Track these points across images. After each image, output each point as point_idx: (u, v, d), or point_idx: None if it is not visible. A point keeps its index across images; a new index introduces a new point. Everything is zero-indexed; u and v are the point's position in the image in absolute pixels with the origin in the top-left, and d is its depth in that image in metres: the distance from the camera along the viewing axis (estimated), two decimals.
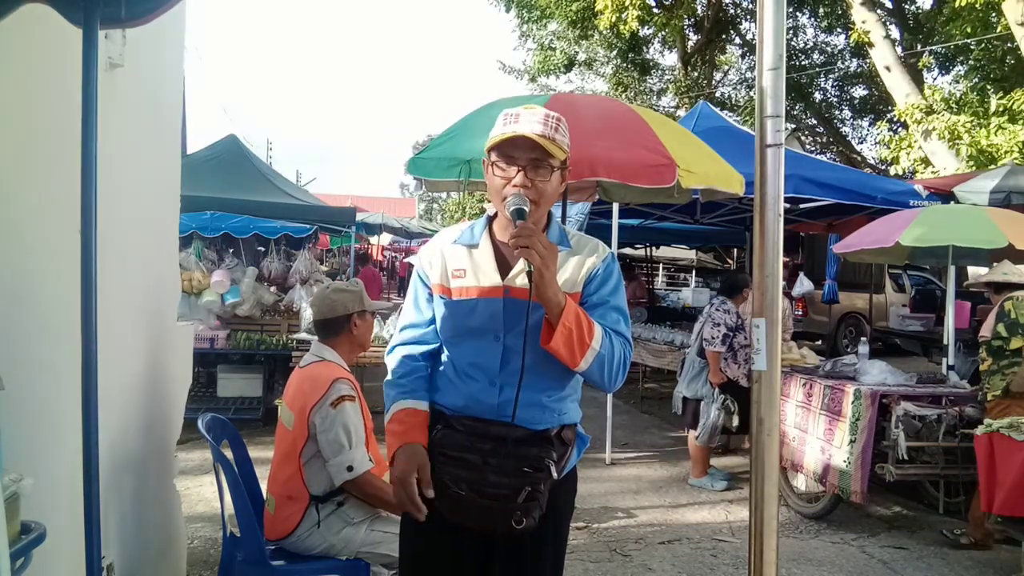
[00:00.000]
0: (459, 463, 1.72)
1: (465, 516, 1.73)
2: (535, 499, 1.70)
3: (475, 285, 1.80)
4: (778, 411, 1.78)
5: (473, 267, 1.82)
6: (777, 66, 1.72)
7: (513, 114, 1.73)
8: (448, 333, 1.84)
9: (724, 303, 5.26)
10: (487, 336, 1.78)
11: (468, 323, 1.79)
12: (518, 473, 1.70)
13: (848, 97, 20.98)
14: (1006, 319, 4.14)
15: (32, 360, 1.80)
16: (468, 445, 1.74)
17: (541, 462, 1.73)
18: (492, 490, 1.70)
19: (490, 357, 1.77)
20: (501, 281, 1.78)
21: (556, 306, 1.66)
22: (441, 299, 1.84)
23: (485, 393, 1.77)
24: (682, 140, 4.45)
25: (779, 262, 1.76)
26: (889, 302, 13.13)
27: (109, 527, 2.27)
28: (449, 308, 1.82)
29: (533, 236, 1.61)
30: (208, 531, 4.06)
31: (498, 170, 1.74)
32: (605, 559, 3.95)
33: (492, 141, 1.74)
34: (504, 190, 1.72)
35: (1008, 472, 3.51)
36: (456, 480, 1.71)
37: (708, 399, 5.21)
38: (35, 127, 1.85)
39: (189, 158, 7.80)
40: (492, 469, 1.71)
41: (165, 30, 2.72)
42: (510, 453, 1.72)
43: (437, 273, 1.86)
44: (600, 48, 19.85)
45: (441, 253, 1.87)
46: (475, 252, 1.83)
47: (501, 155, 1.73)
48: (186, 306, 6.12)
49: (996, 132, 9.80)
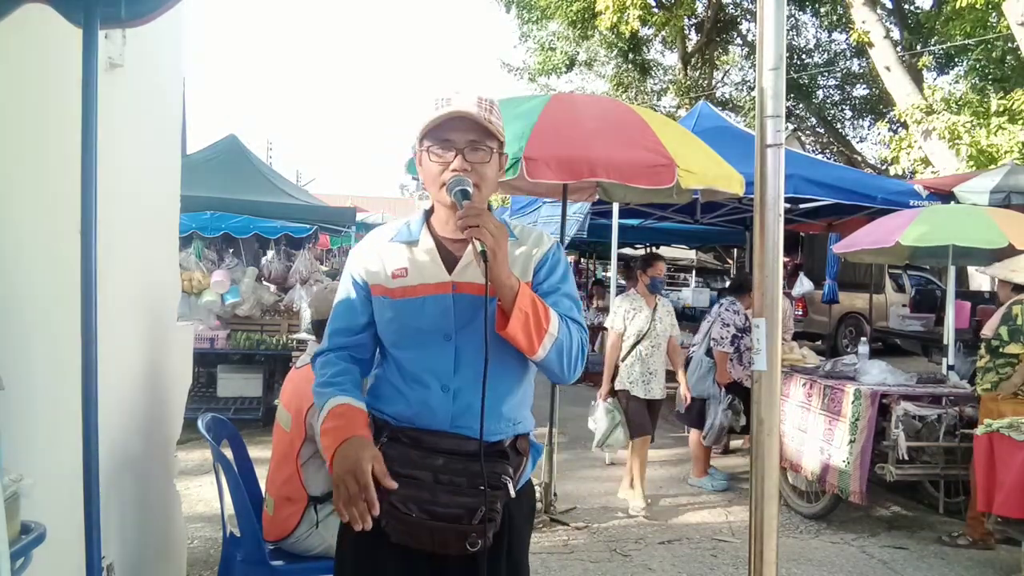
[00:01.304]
0: (409, 482, 1.56)
1: (415, 539, 1.57)
2: (492, 519, 1.57)
3: (419, 283, 1.67)
4: (778, 411, 1.78)
5: (415, 265, 1.69)
6: (777, 66, 1.72)
7: (444, 98, 1.62)
8: (393, 337, 1.69)
9: (734, 303, 5.27)
10: (436, 337, 1.65)
11: (416, 324, 1.66)
12: (473, 492, 1.57)
13: (849, 97, 20.97)
14: (1011, 323, 4.13)
15: (32, 360, 1.80)
16: (418, 461, 1.59)
17: (498, 479, 1.60)
18: (444, 510, 1.55)
19: (441, 360, 1.64)
20: (448, 276, 1.66)
21: (510, 290, 1.55)
22: (383, 301, 1.69)
23: (437, 401, 1.63)
24: (682, 140, 4.45)
25: (779, 262, 1.76)
26: (889, 302, 13.13)
27: (109, 527, 2.26)
28: (393, 310, 1.68)
29: (482, 215, 1.51)
30: (208, 531, 4.07)
31: (434, 156, 1.63)
32: (605, 559, 3.95)
33: (426, 125, 1.62)
34: (442, 175, 1.61)
35: (1008, 472, 3.52)
36: (405, 500, 1.54)
37: (715, 399, 5.21)
38: (35, 127, 1.85)
39: (189, 158, 7.80)
40: (445, 488, 1.57)
41: (165, 30, 2.72)
42: (464, 469, 1.58)
43: (374, 274, 1.71)
44: (601, 48, 19.83)
45: (378, 253, 1.73)
46: (415, 249, 1.70)
47: (436, 140, 1.62)
48: (186, 306, 6.12)
49: (996, 132, 9.79)
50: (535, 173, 3.83)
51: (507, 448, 1.66)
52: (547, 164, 3.87)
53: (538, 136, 3.97)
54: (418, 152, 1.69)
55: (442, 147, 1.62)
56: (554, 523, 4.42)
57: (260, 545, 2.60)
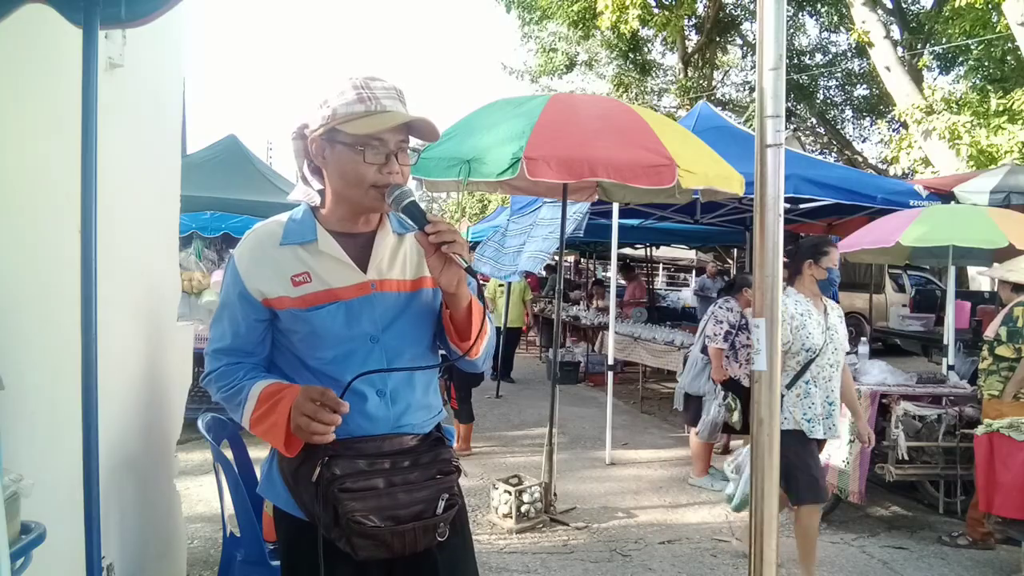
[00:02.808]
0: (365, 494, 1.49)
1: (386, 549, 1.50)
2: (454, 504, 1.58)
3: (329, 287, 1.55)
4: (778, 411, 1.77)
5: (319, 268, 1.56)
6: (777, 66, 1.72)
7: (367, 90, 1.52)
8: (314, 350, 1.56)
9: (727, 301, 5.29)
10: (361, 342, 1.56)
11: (337, 332, 1.55)
12: (430, 482, 1.56)
13: (849, 97, 20.99)
14: (1011, 324, 4.13)
15: (32, 360, 1.80)
16: (368, 470, 1.52)
17: (448, 463, 1.60)
18: (406, 511, 1.51)
19: (371, 364, 1.55)
20: (365, 276, 1.57)
21: (466, 298, 1.54)
22: (292, 314, 1.54)
23: (375, 407, 1.56)
24: (682, 140, 4.45)
25: (779, 262, 1.76)
26: (889, 302, 13.15)
27: (109, 527, 2.27)
28: (307, 321, 1.54)
29: (454, 231, 1.45)
30: (208, 531, 4.06)
31: (369, 157, 1.50)
32: (605, 559, 3.95)
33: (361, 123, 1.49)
34: (374, 178, 1.50)
35: (1008, 472, 3.52)
36: (367, 514, 1.48)
37: (710, 396, 5.23)
38: (35, 127, 1.85)
39: (189, 158, 7.81)
40: (401, 488, 1.53)
41: (165, 30, 2.72)
42: (413, 465, 1.56)
43: (271, 285, 1.55)
44: (601, 49, 19.88)
45: (271, 261, 1.56)
46: (313, 250, 1.56)
47: (364, 138, 1.49)
48: (186, 306, 6.11)
49: (996, 132, 9.80)
50: (535, 172, 3.83)
51: (435, 436, 1.66)
52: (547, 163, 3.87)
53: (538, 136, 3.97)
54: (317, 139, 1.55)
55: (375, 148, 1.50)
56: (554, 523, 4.42)
57: (260, 545, 2.60)
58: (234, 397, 1.56)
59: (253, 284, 1.57)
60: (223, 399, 1.60)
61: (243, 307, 1.58)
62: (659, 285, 18.48)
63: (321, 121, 1.53)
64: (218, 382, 1.60)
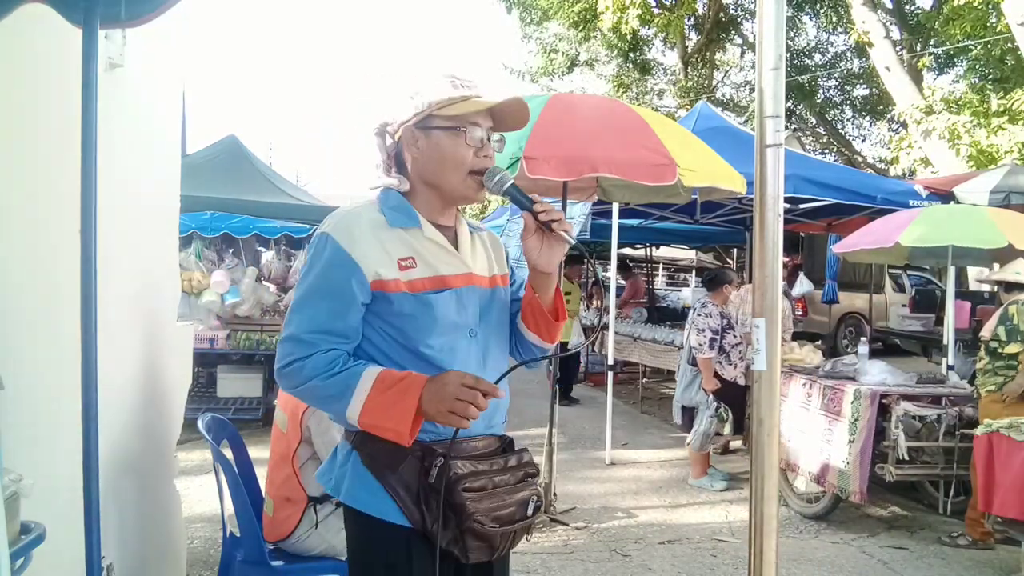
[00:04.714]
0: (481, 495, 1.48)
1: (493, 550, 1.51)
2: (539, 506, 1.58)
3: (439, 274, 1.52)
4: (778, 411, 1.77)
5: (423, 254, 1.52)
6: (777, 66, 1.72)
7: (458, 79, 1.52)
8: (426, 336, 1.50)
9: (705, 306, 5.25)
10: (463, 333, 1.54)
11: (454, 319, 1.52)
12: (523, 484, 1.56)
13: (849, 97, 20.99)
14: (1008, 323, 4.14)
15: (32, 360, 1.79)
16: (480, 471, 1.51)
17: (532, 465, 1.61)
18: (508, 512, 1.52)
19: (470, 360, 1.54)
20: (468, 267, 1.57)
21: (555, 279, 1.59)
22: (407, 297, 1.49)
23: None
24: (683, 140, 4.45)
25: (779, 262, 1.76)
26: (889, 302, 13.14)
27: (109, 527, 2.26)
28: (418, 307, 1.49)
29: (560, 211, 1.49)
30: (208, 531, 4.06)
31: (471, 139, 1.50)
32: (605, 559, 3.94)
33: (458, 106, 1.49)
34: (472, 161, 1.51)
35: (1007, 472, 3.51)
36: (484, 516, 1.47)
37: (703, 406, 5.21)
38: (35, 127, 1.85)
39: (189, 158, 7.79)
40: (505, 490, 1.53)
41: (165, 30, 2.72)
42: (505, 467, 1.56)
43: (381, 263, 1.48)
44: (601, 49, 19.87)
45: (379, 241, 1.50)
46: (417, 235, 1.53)
47: (462, 122, 1.50)
48: (186, 306, 6.12)
49: (996, 132, 9.80)
50: (535, 170, 3.84)
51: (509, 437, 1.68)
52: (547, 162, 3.88)
53: (538, 135, 3.98)
54: (410, 129, 1.52)
55: (473, 131, 1.51)
56: (554, 523, 4.42)
57: (260, 545, 2.60)
58: (341, 383, 1.43)
59: (368, 264, 1.48)
60: (320, 386, 1.44)
61: (351, 288, 1.47)
62: (659, 285, 18.46)
63: (413, 111, 1.51)
64: (316, 367, 1.44)
